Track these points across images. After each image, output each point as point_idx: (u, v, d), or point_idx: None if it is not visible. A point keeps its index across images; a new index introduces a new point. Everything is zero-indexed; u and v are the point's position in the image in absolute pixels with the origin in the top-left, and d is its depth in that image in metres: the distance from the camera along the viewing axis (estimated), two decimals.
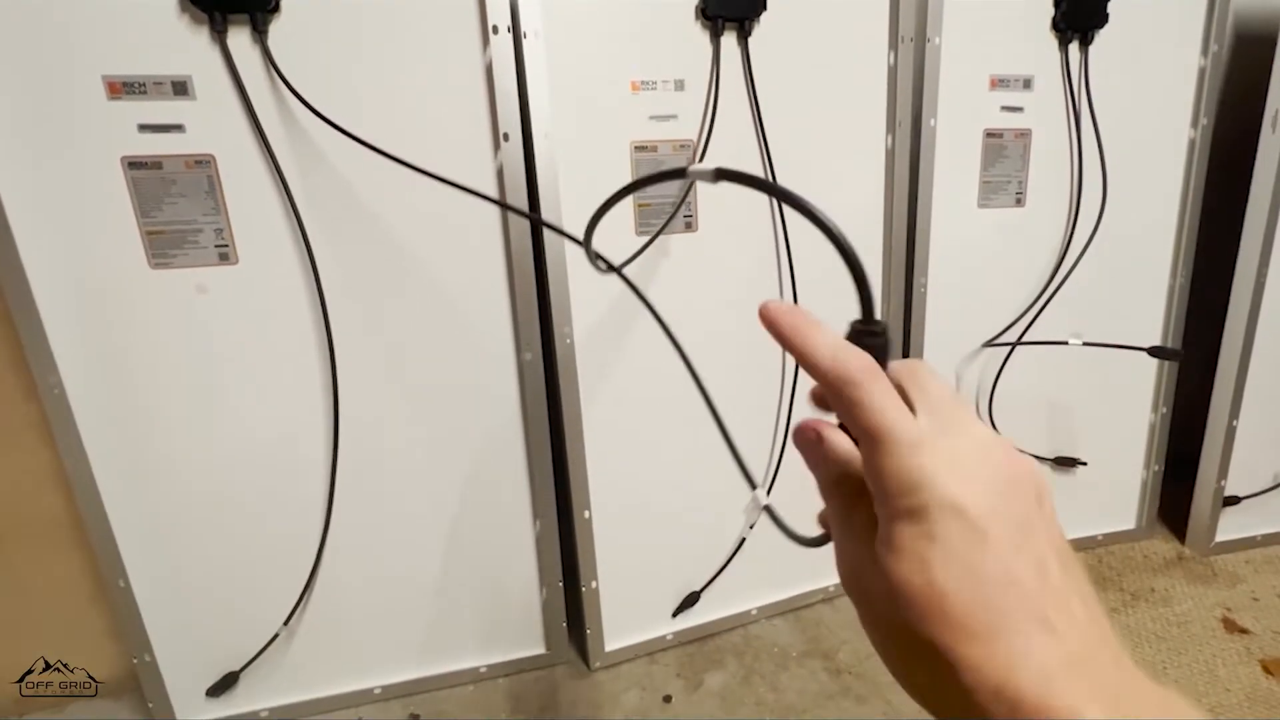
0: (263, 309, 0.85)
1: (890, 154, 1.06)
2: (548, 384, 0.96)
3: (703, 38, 0.92)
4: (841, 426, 0.25)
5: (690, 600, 1.11)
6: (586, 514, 1.01)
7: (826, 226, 0.24)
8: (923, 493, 0.20)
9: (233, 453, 0.88)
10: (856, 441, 0.23)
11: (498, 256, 0.90)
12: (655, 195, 0.95)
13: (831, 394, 0.22)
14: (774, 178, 0.99)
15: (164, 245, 0.80)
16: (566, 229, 0.89)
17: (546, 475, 1.00)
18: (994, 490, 0.20)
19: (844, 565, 0.24)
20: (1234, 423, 1.21)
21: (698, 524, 1.11)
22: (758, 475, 1.12)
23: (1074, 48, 1.09)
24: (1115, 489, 1.33)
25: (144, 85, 0.75)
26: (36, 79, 0.72)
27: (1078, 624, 0.19)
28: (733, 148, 0.96)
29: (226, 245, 0.82)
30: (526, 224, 0.89)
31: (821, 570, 1.21)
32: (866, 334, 0.24)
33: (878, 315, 0.24)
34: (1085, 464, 1.27)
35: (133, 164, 0.77)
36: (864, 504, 0.23)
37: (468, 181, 0.85)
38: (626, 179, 0.92)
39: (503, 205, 0.88)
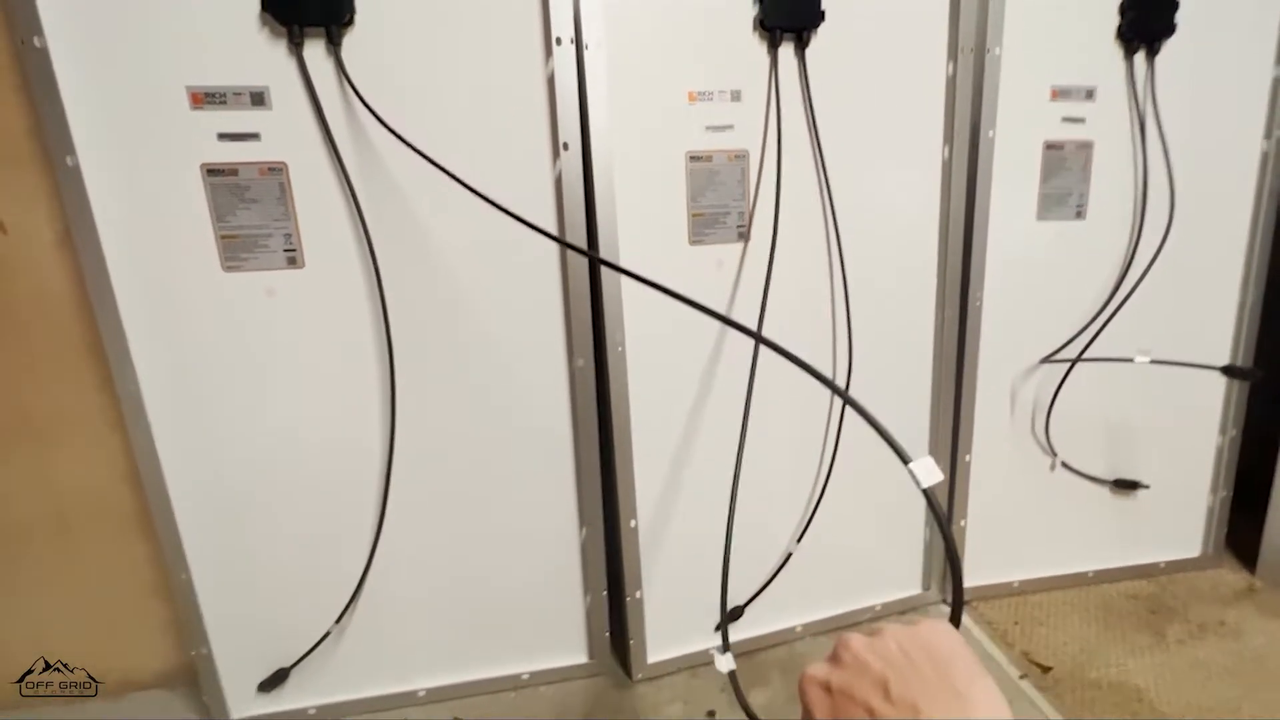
0: (327, 312, 0.87)
1: (947, 165, 1.04)
2: (598, 392, 0.97)
3: (760, 49, 0.92)
4: None
5: (734, 614, 1.10)
6: (633, 523, 1.01)
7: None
8: None
9: (293, 451, 0.90)
10: None
11: (553, 265, 0.91)
12: (710, 205, 0.95)
13: None
14: (829, 189, 0.98)
15: (236, 249, 0.83)
16: (620, 235, 0.90)
17: (594, 483, 1.00)
18: None
19: None
20: None
21: (743, 537, 1.09)
22: (803, 492, 1.10)
23: (1140, 58, 1.06)
24: (1179, 514, 1.27)
25: (225, 95, 0.78)
26: (126, 89, 0.76)
27: None
28: (789, 159, 0.96)
29: (294, 250, 0.84)
30: (582, 230, 0.90)
31: (867, 589, 1.19)
32: None
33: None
34: (1148, 487, 1.22)
35: (211, 171, 0.80)
36: None
37: (528, 188, 0.88)
38: (681, 188, 0.93)
39: (561, 242, 0.89)
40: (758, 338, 0.48)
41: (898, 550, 1.20)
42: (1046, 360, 1.14)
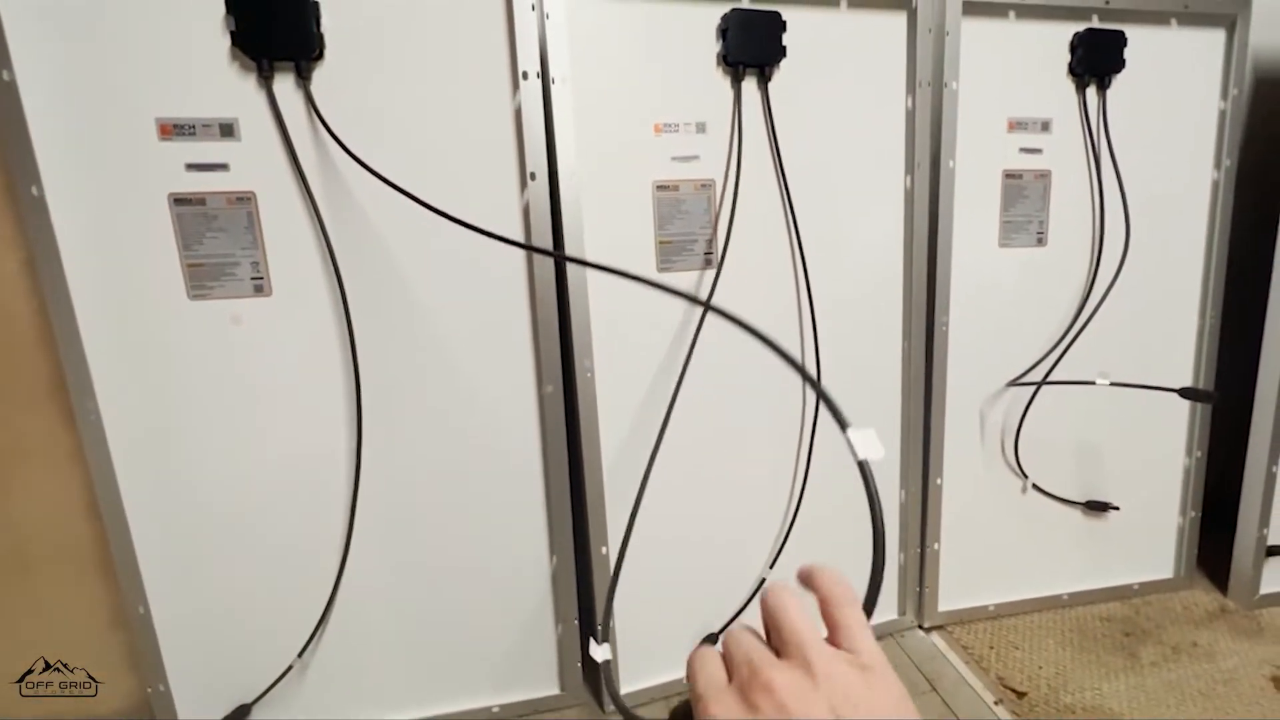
0: (293, 340, 0.87)
1: (910, 194, 1.07)
2: (568, 418, 0.97)
3: (724, 83, 0.95)
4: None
5: (710, 640, 1.09)
6: (604, 550, 1.00)
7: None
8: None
9: (257, 482, 0.89)
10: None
11: (521, 290, 0.92)
12: (677, 233, 0.97)
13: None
14: (794, 217, 1.00)
15: (203, 277, 0.83)
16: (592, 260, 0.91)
17: (564, 510, 0.99)
18: None
19: None
20: (1274, 468, 1.17)
21: (717, 562, 1.09)
22: (777, 513, 1.10)
23: (1091, 92, 1.11)
24: (1150, 536, 1.28)
25: (194, 127, 0.79)
26: (94, 119, 0.77)
27: None
28: (754, 188, 0.98)
29: (261, 278, 0.85)
30: (551, 267, 0.91)
31: None
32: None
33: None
34: (1118, 509, 1.23)
35: (179, 200, 0.81)
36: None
37: (496, 217, 0.89)
38: (649, 217, 0.95)
39: (527, 247, 0.90)
40: (715, 309, 0.47)
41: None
42: (1013, 384, 1.16)
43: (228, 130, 0.80)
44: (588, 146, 0.90)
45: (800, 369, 0.41)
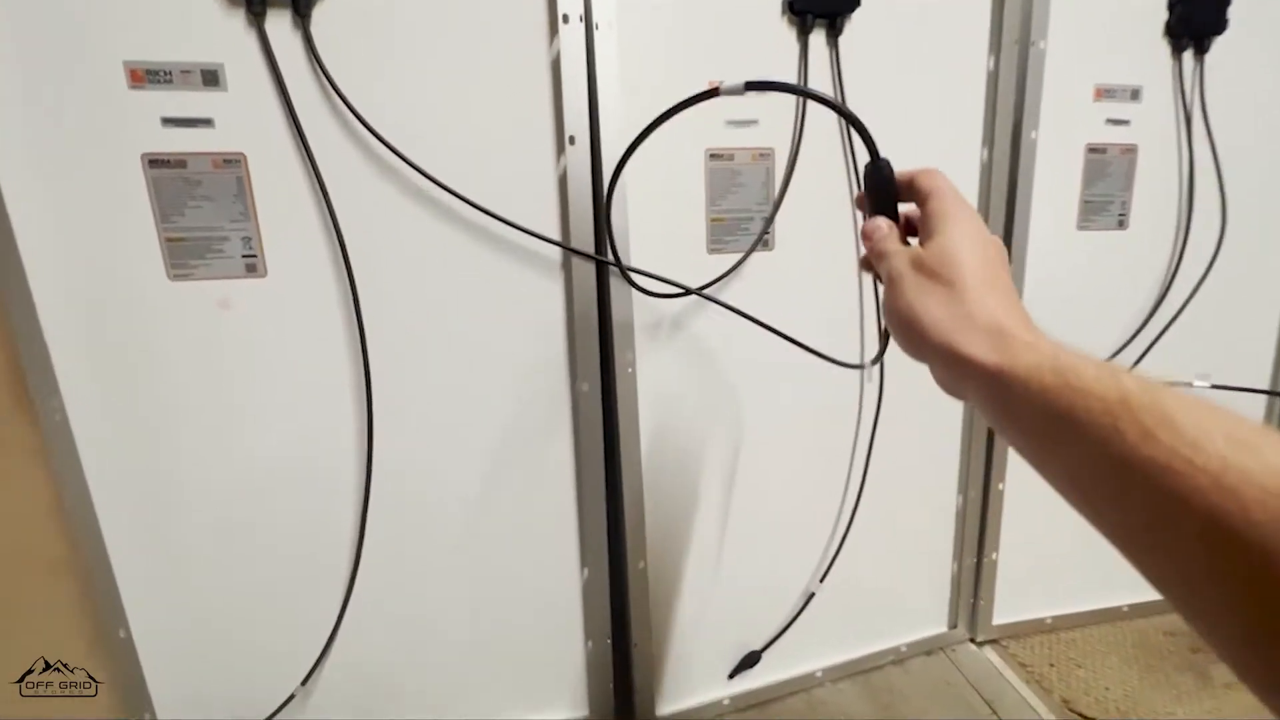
0: (293, 328, 0.75)
1: (986, 168, 0.95)
2: (605, 419, 0.86)
3: (789, 35, 0.82)
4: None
5: (750, 660, 1.00)
6: (642, 564, 0.90)
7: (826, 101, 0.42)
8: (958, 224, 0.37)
9: (252, 488, 0.78)
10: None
11: (555, 274, 0.81)
12: (731, 209, 0.85)
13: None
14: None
15: (184, 254, 0.71)
16: (634, 243, 0.80)
17: (599, 520, 0.89)
18: (986, 235, 0.37)
19: (897, 276, 0.37)
20: None
21: (759, 576, 0.99)
22: (825, 525, 1.01)
23: (1188, 56, 0.99)
24: None
25: (170, 73, 0.66)
26: (50, 64, 0.64)
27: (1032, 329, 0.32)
28: (818, 158, 0.86)
29: (255, 255, 0.72)
30: (589, 237, 0.79)
31: (891, 628, 1.09)
32: (871, 171, 0.41)
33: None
34: None
35: (154, 162, 0.68)
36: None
37: (527, 188, 0.77)
38: (699, 190, 0.83)
39: (565, 248, 0.78)
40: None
41: (923, 585, 1.11)
42: None
43: (211, 78, 0.67)
44: (633, 107, 0.77)
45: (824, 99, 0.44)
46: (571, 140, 0.75)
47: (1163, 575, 0.24)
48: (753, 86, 0.42)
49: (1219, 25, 0.97)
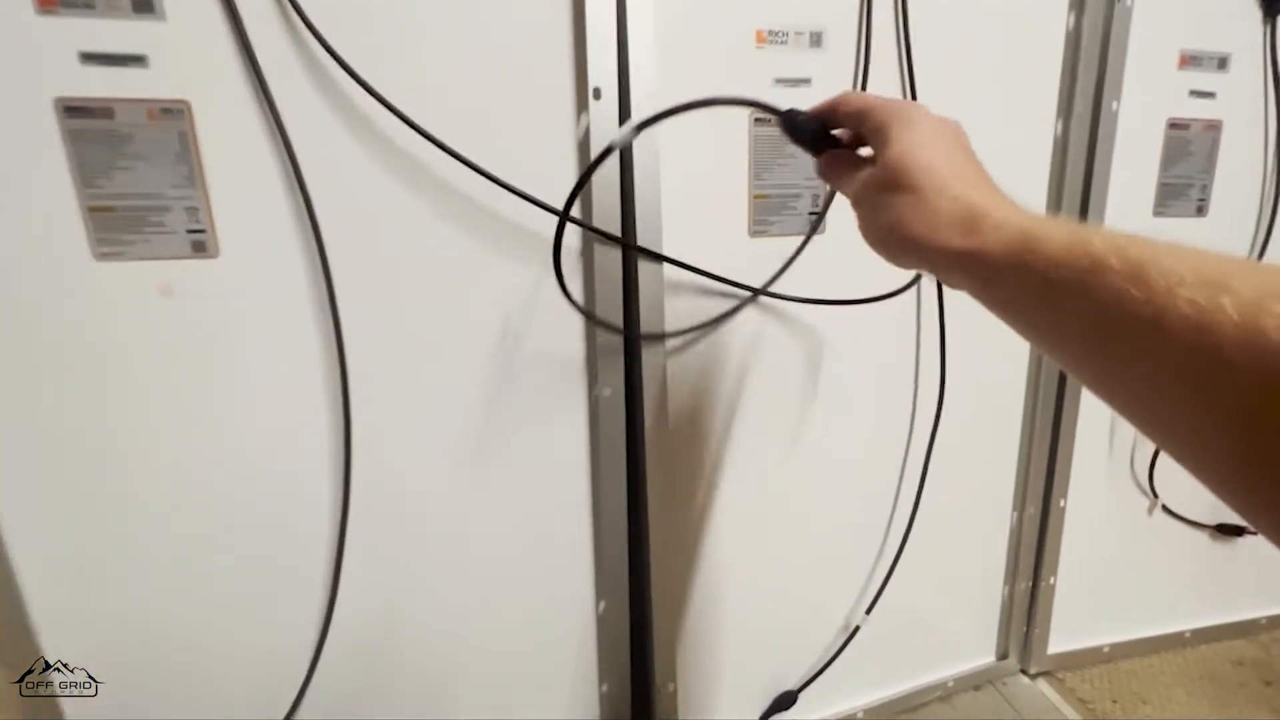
0: (251, 320, 0.61)
1: (1060, 143, 0.83)
2: (628, 428, 0.73)
3: None
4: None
5: (784, 701, 0.88)
6: (667, 594, 0.78)
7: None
8: (903, 115, 0.36)
9: (200, 515, 0.64)
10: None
11: (572, 254, 0.67)
12: (777, 184, 0.72)
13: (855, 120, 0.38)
14: None
15: (114, 227, 0.57)
16: (666, 224, 0.67)
17: (619, 546, 0.76)
18: (937, 122, 0.36)
19: (856, 195, 0.38)
20: None
21: (795, 609, 0.87)
22: (868, 553, 0.89)
23: None
24: None
25: None
26: None
27: (991, 189, 0.33)
28: None
29: (203, 230, 0.58)
30: (615, 211, 0.66)
31: (936, 662, 0.98)
32: (784, 126, 0.41)
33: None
34: (1254, 533, 1.04)
35: (71, 109, 0.54)
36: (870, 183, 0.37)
37: (541, 151, 0.63)
38: (743, 162, 0.70)
39: (587, 227, 0.65)
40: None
41: (971, 614, 1.00)
42: None
43: (144, 4, 0.53)
44: (668, 58, 0.64)
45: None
46: (597, 94, 0.62)
47: (1152, 421, 0.25)
48: (643, 126, 0.44)
49: None
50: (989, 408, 0.90)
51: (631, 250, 0.66)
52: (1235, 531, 1.05)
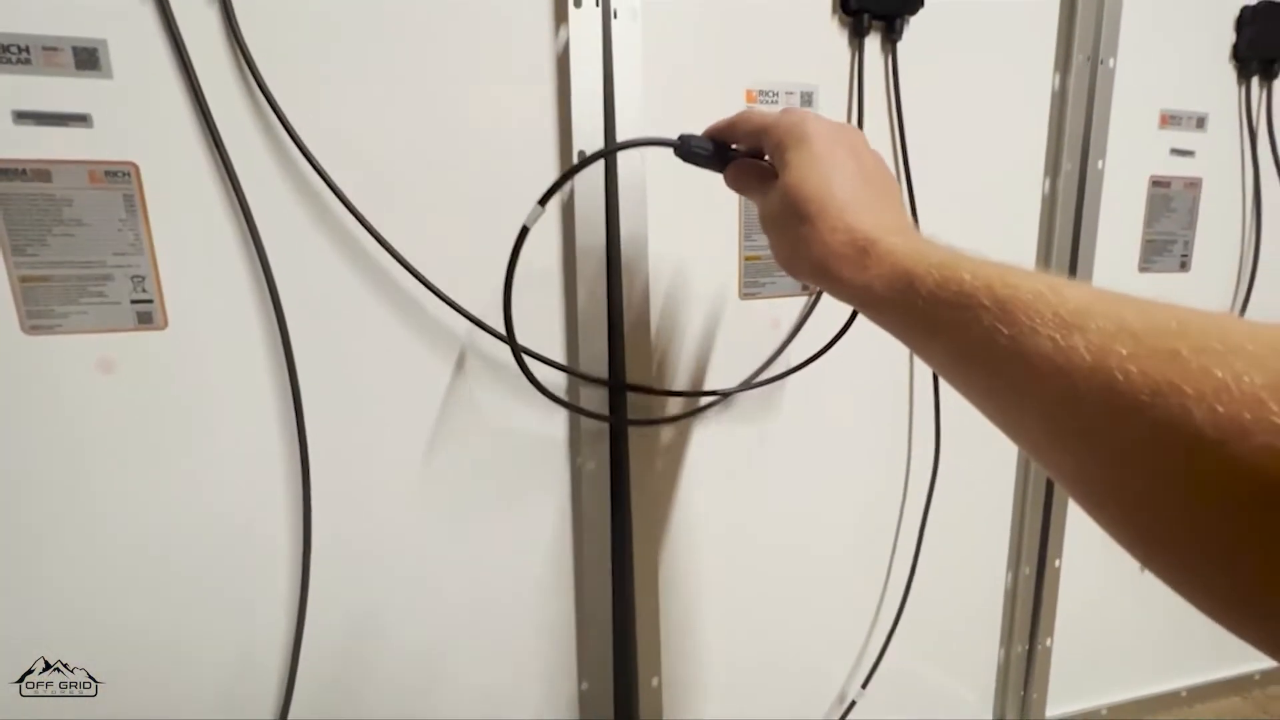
0: (201, 396, 0.56)
1: (1049, 201, 0.83)
2: (614, 497, 0.69)
3: (840, 38, 0.68)
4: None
5: None
6: (655, 682, 0.73)
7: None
8: (795, 131, 0.37)
9: (148, 614, 0.58)
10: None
11: (556, 320, 0.64)
12: (767, 246, 0.70)
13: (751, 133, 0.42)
14: (917, 223, 0.74)
15: (48, 299, 0.51)
16: (653, 283, 0.64)
17: (603, 626, 0.71)
18: (831, 137, 0.36)
19: (761, 212, 0.40)
20: None
21: (788, 683, 0.83)
22: (862, 621, 0.85)
23: (1255, 82, 0.89)
24: None
25: (27, 50, 0.48)
26: None
27: (891, 215, 0.35)
28: None
29: (150, 301, 0.53)
30: (601, 277, 0.62)
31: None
32: (681, 154, 0.45)
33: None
34: None
35: (2, 171, 0.49)
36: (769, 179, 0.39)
37: (523, 214, 0.60)
38: (733, 224, 0.68)
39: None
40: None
41: (967, 675, 0.96)
42: None
43: (88, 59, 0.49)
44: (657, 117, 0.62)
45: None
46: (581, 155, 0.59)
47: (1025, 441, 0.26)
48: (545, 199, 0.45)
49: None
50: (982, 466, 0.88)
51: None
52: None
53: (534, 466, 0.66)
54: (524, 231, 0.46)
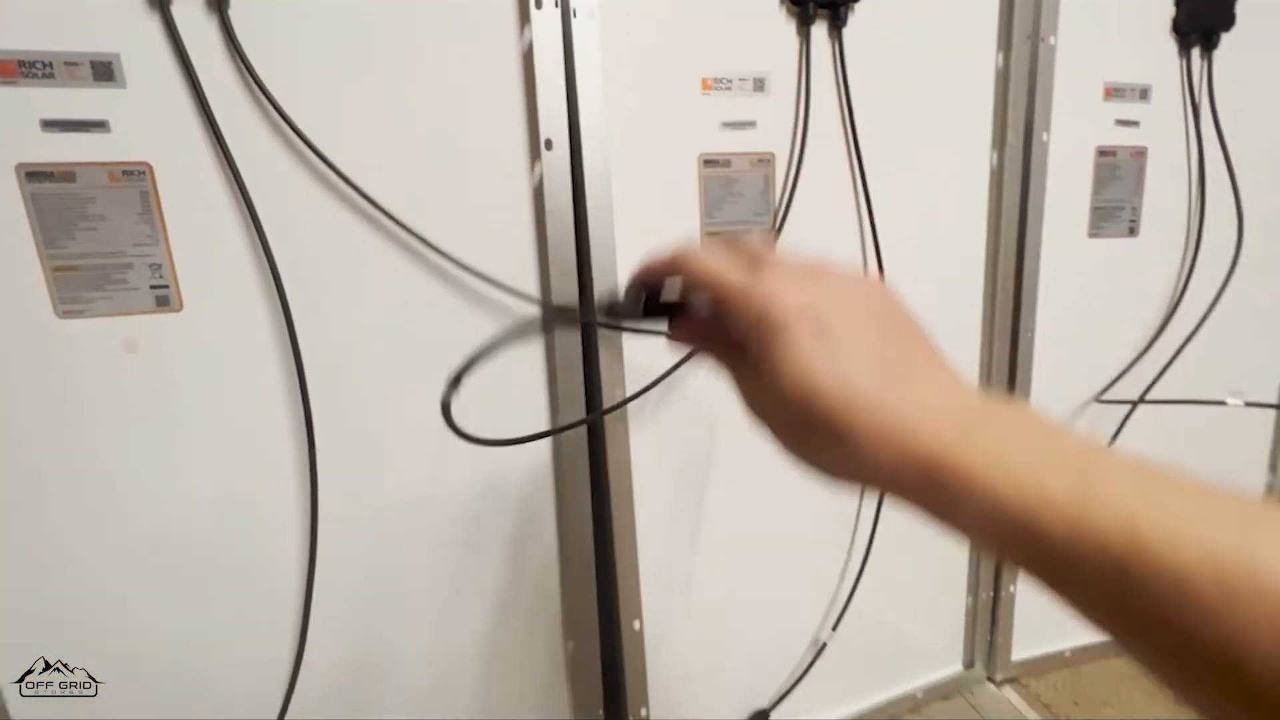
0: (215, 371, 0.62)
1: (996, 173, 0.88)
2: (592, 463, 0.75)
3: (788, 28, 0.74)
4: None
5: (759, 719, 0.90)
6: (637, 625, 0.79)
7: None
8: (769, 314, 0.25)
9: (167, 571, 0.65)
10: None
11: (531, 292, 0.70)
12: (728, 220, 0.76)
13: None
14: (869, 202, 0.80)
15: (77, 286, 0.58)
16: (620, 257, 0.70)
17: (586, 583, 0.78)
18: (823, 294, 0.25)
19: (747, 400, 0.28)
20: None
21: (766, 627, 0.89)
22: (833, 569, 0.91)
23: (1195, 54, 0.94)
24: None
25: (50, 65, 0.54)
26: None
27: (940, 385, 0.25)
28: (820, 165, 0.77)
29: (166, 286, 0.60)
30: (572, 264, 0.68)
31: (905, 673, 1.01)
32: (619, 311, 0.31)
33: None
34: None
35: (33, 174, 0.55)
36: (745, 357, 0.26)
37: (498, 201, 0.66)
38: (693, 201, 0.73)
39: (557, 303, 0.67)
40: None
41: (937, 624, 1.02)
42: (1100, 400, 1.00)
43: (104, 72, 0.55)
44: (618, 107, 0.68)
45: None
46: (549, 145, 0.65)
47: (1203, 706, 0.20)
48: (457, 382, 0.36)
49: (1227, 21, 0.93)
50: None
51: (585, 265, 0.69)
52: None
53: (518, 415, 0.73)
54: (445, 408, 0.37)
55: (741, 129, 0.74)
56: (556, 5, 0.62)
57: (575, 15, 0.63)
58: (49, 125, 0.55)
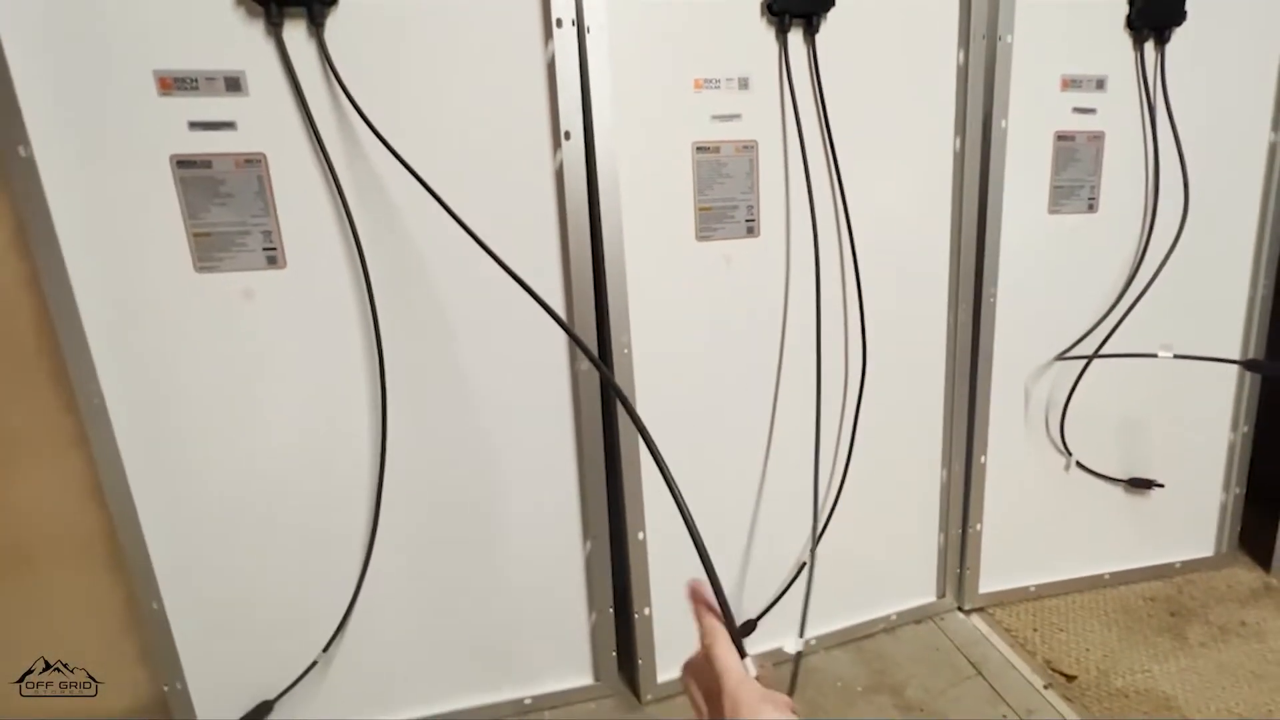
0: (310, 316, 0.81)
1: (959, 156, 1.01)
2: (603, 398, 0.91)
3: (768, 35, 0.88)
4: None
5: (746, 628, 1.05)
6: (641, 535, 0.95)
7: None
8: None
9: (274, 468, 0.84)
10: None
11: (554, 262, 0.86)
12: (717, 198, 0.91)
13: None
14: (840, 181, 0.94)
15: (210, 248, 0.76)
16: (626, 229, 0.85)
17: (599, 494, 0.94)
18: None
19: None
20: None
21: (755, 547, 1.04)
22: (825, 475, 1.06)
23: (1149, 47, 1.04)
24: (1193, 513, 1.25)
25: (196, 81, 0.72)
26: (86, 72, 0.69)
27: None
28: (798, 150, 0.91)
29: (275, 249, 0.78)
30: (585, 227, 0.85)
31: (881, 598, 1.14)
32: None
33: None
34: (1162, 486, 1.19)
35: (182, 163, 0.74)
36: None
37: (527, 182, 0.82)
38: (688, 181, 0.88)
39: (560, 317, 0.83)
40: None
41: (911, 556, 1.16)
42: (1062, 357, 1.11)
43: (234, 84, 0.73)
44: (624, 104, 0.83)
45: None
46: (567, 135, 0.81)
47: None
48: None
49: (1178, 16, 1.03)
50: (913, 377, 1.07)
51: (598, 232, 0.85)
52: (1146, 485, 1.19)
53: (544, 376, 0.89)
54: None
55: (728, 121, 0.89)
56: (573, 24, 0.78)
57: (589, 31, 0.79)
58: (194, 125, 0.73)
